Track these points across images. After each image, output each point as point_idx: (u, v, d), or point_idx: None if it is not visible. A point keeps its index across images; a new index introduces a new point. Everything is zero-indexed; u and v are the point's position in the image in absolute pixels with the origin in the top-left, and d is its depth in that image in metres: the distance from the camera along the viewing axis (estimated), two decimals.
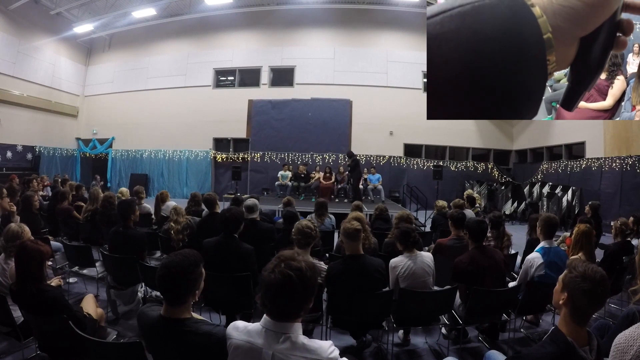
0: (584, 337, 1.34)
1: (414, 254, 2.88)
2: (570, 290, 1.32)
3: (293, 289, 1.20)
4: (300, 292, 1.21)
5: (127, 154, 14.41)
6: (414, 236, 2.90)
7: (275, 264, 1.25)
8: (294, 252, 1.31)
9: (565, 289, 1.35)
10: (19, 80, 12.29)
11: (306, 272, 1.22)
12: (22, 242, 2.20)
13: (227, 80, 14.36)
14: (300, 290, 1.21)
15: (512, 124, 13.61)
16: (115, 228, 3.46)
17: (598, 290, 1.29)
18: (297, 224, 2.67)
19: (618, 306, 3.82)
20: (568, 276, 1.35)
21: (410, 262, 2.82)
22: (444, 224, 4.53)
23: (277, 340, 1.23)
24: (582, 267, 1.34)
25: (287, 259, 1.24)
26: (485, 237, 3.01)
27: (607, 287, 1.32)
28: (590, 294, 1.29)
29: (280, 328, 1.24)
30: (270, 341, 1.24)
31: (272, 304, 1.24)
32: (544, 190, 10.85)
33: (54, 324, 2.03)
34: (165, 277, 1.39)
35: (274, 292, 1.21)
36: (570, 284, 1.33)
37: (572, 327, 1.33)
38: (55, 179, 10.23)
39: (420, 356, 3.03)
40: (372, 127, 13.02)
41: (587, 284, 1.29)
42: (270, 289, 1.22)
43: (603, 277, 1.31)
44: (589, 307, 1.33)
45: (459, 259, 2.86)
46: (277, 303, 1.23)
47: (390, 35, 13.59)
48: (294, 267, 1.21)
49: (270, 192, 11.74)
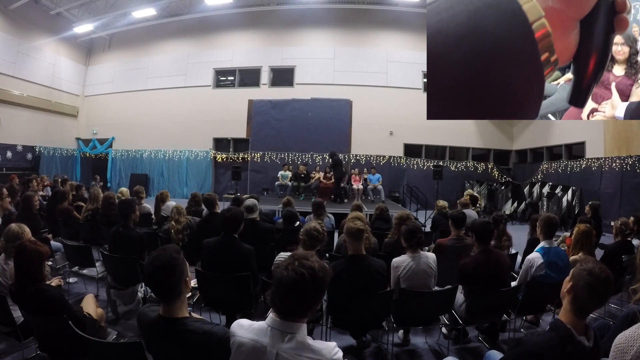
0: (582, 327, 1.40)
1: (418, 254, 2.86)
2: (575, 281, 1.40)
3: (304, 287, 1.21)
4: (310, 291, 1.22)
5: (127, 154, 14.41)
6: (419, 235, 2.87)
7: (288, 262, 1.25)
8: (308, 253, 1.32)
9: (572, 279, 1.43)
10: (19, 80, 12.29)
11: (318, 273, 1.23)
12: (21, 243, 2.19)
13: (227, 80, 14.36)
14: (310, 289, 1.22)
15: (512, 124, 13.61)
16: (115, 228, 3.46)
17: (599, 286, 1.35)
18: (306, 225, 2.67)
19: (618, 306, 3.83)
20: (578, 268, 1.43)
21: (413, 263, 2.81)
22: (444, 224, 4.53)
23: (282, 339, 1.23)
24: (591, 264, 1.41)
25: (301, 258, 1.25)
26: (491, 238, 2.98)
27: (609, 287, 1.37)
28: (591, 288, 1.35)
29: (286, 327, 1.24)
30: (275, 340, 1.24)
31: (281, 302, 1.24)
32: (544, 190, 10.85)
33: (54, 324, 2.03)
34: (153, 272, 1.41)
35: (285, 290, 1.22)
36: (576, 275, 1.41)
37: (571, 318, 1.40)
38: (55, 179, 10.23)
39: (420, 356, 3.03)
40: (372, 127, 13.02)
41: (591, 278, 1.35)
42: (282, 286, 1.22)
43: (608, 276, 1.36)
44: (589, 300, 1.38)
45: (465, 262, 2.83)
46: (287, 301, 1.23)
47: (390, 35, 13.60)
48: (307, 266, 1.22)
49: (270, 192, 11.73)
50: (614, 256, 3.60)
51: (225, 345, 1.43)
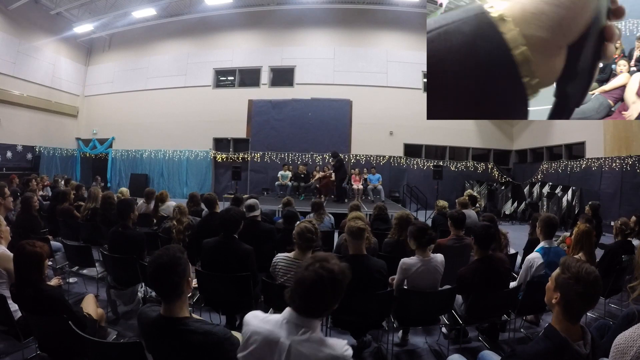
0: (578, 332, 1.35)
1: (428, 256, 2.80)
2: (564, 292, 1.33)
3: (324, 288, 1.25)
4: (329, 293, 1.26)
5: (127, 154, 14.40)
6: (430, 232, 2.83)
7: (309, 263, 1.30)
8: (329, 255, 1.36)
9: (558, 289, 1.35)
10: (19, 80, 12.28)
11: (337, 275, 1.28)
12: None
13: (227, 80, 14.35)
14: (330, 290, 1.26)
15: (512, 124, 13.60)
16: (115, 228, 3.45)
17: (591, 292, 1.30)
18: (297, 227, 2.65)
19: (618, 306, 3.83)
20: (561, 277, 1.35)
21: (423, 266, 2.76)
22: (444, 224, 4.52)
23: (296, 332, 1.26)
24: (575, 268, 1.33)
25: (322, 260, 1.29)
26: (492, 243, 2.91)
27: (600, 287, 1.32)
28: (584, 296, 1.30)
29: (302, 322, 1.28)
30: (289, 332, 1.27)
31: (300, 300, 1.27)
32: (544, 190, 10.85)
33: (54, 324, 2.03)
34: (157, 269, 1.42)
35: (305, 289, 1.25)
36: (564, 286, 1.33)
37: (565, 325, 1.34)
38: (56, 179, 10.24)
39: (420, 356, 3.03)
40: (372, 127, 13.01)
41: (580, 287, 1.29)
42: (302, 285, 1.26)
43: (596, 277, 1.31)
44: (583, 307, 1.34)
45: (463, 272, 2.78)
46: (306, 299, 1.26)
47: (390, 35, 13.59)
48: (328, 268, 1.27)
49: (270, 192, 11.73)
50: (614, 256, 3.60)
51: (225, 346, 1.43)
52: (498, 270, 2.81)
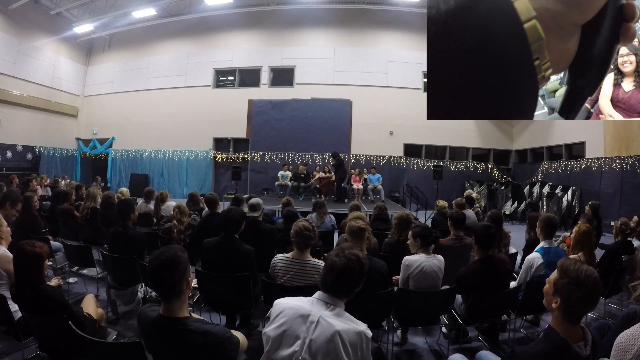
0: (578, 333, 1.34)
1: (431, 255, 2.85)
2: (564, 297, 1.30)
3: (354, 270, 1.48)
4: (357, 274, 1.49)
5: (127, 154, 14.40)
6: (433, 231, 2.91)
7: (337, 252, 1.52)
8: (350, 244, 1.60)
9: (557, 294, 1.33)
10: (19, 80, 12.27)
11: (362, 260, 1.52)
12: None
13: (227, 80, 14.35)
14: (358, 272, 1.49)
15: (512, 124, 13.60)
16: (115, 228, 3.46)
17: (593, 295, 1.30)
18: (294, 226, 2.65)
19: (618, 306, 3.83)
20: (560, 282, 1.33)
21: (426, 263, 2.79)
22: (444, 224, 4.52)
23: (325, 308, 1.45)
24: (574, 272, 1.30)
25: (347, 249, 1.54)
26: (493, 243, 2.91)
27: (601, 288, 1.32)
28: (585, 300, 1.29)
29: (331, 300, 1.47)
30: (319, 308, 1.45)
31: (333, 282, 1.47)
32: (544, 190, 10.85)
33: (54, 324, 2.03)
34: (157, 267, 1.42)
35: (337, 272, 1.47)
36: (564, 291, 1.31)
37: (566, 327, 1.33)
38: (56, 179, 10.24)
39: (420, 356, 3.03)
40: (372, 127, 13.01)
41: (581, 292, 1.27)
42: (334, 269, 1.48)
43: (596, 280, 1.29)
44: (584, 310, 1.33)
45: (462, 273, 2.79)
46: (339, 280, 1.47)
47: (390, 35, 13.59)
48: (355, 254, 1.51)
49: (270, 192, 11.73)
50: (614, 256, 3.60)
51: (225, 345, 1.43)
52: (499, 271, 2.81)
